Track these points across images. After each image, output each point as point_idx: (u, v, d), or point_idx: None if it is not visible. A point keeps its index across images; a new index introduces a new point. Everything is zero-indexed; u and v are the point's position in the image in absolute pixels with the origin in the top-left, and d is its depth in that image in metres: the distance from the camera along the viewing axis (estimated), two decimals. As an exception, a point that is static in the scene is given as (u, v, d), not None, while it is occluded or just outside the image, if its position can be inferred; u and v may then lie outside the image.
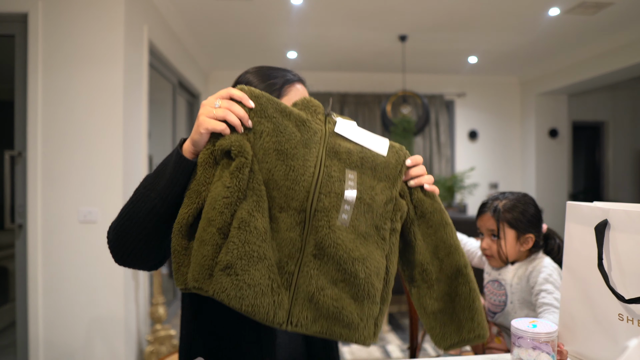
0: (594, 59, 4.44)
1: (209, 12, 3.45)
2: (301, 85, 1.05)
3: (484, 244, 1.24)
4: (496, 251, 1.21)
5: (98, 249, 2.37)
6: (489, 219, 1.23)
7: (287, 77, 1.03)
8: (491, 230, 1.22)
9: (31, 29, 2.31)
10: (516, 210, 1.22)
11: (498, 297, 1.24)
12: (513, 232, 1.21)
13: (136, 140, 2.66)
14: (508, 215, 1.22)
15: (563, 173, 5.52)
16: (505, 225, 1.21)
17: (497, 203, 1.23)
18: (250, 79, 1.03)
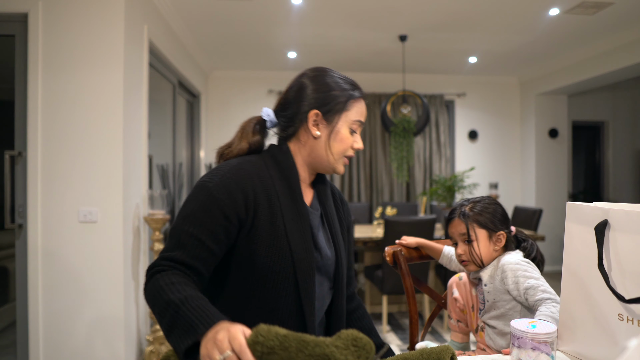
0: (594, 59, 4.44)
1: (209, 12, 3.45)
2: (363, 102, 1.06)
3: (459, 250, 1.24)
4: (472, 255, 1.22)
5: (98, 249, 2.37)
6: (458, 224, 1.24)
7: (352, 90, 1.03)
8: (463, 234, 1.23)
9: (31, 29, 2.32)
10: (484, 210, 1.23)
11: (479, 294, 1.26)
12: (484, 232, 1.22)
13: (136, 140, 2.66)
14: (477, 216, 1.23)
15: (563, 173, 5.52)
16: (475, 226, 1.22)
17: (464, 207, 1.25)
18: (306, 84, 1.02)
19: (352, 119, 1.02)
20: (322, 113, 1.00)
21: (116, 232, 2.38)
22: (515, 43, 4.30)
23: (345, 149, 1.02)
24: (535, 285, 1.10)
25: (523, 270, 1.14)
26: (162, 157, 3.71)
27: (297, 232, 0.95)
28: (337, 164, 1.03)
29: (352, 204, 5.08)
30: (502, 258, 1.20)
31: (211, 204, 0.90)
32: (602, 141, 6.03)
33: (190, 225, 0.89)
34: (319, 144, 1.01)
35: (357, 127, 1.04)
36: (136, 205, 2.64)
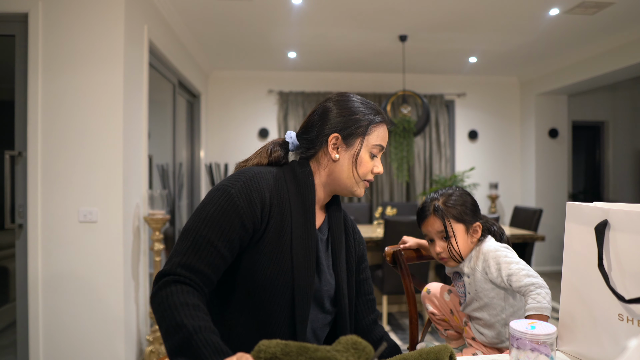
0: (594, 59, 4.44)
1: (209, 12, 3.45)
2: (385, 127, 1.05)
3: (437, 248, 1.20)
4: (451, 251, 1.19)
5: (98, 249, 2.37)
6: (434, 221, 1.20)
7: (373, 115, 1.03)
8: (440, 232, 1.19)
9: (31, 29, 2.32)
10: (457, 203, 1.19)
11: (459, 288, 1.24)
12: (461, 226, 1.19)
13: (136, 140, 2.66)
14: (452, 210, 1.19)
15: (563, 173, 5.52)
16: (452, 221, 1.18)
17: (436, 202, 1.21)
18: (330, 108, 1.03)
19: (372, 144, 1.02)
20: (342, 137, 1.01)
21: (116, 232, 2.38)
22: (515, 43, 4.30)
23: (365, 173, 1.02)
24: (516, 270, 1.08)
25: (503, 256, 1.13)
26: (162, 157, 3.71)
27: (302, 250, 0.95)
28: (356, 187, 1.03)
29: (352, 204, 5.08)
30: (482, 247, 1.18)
31: (232, 210, 0.89)
32: (602, 141, 6.03)
33: (208, 229, 0.87)
34: (338, 167, 1.02)
35: (377, 152, 1.04)
36: (136, 205, 2.65)
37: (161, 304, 0.81)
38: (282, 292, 0.93)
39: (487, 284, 1.15)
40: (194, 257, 0.85)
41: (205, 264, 0.86)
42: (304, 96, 5.30)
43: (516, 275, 1.09)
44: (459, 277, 1.23)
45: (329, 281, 1.02)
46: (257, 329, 0.92)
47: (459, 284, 1.24)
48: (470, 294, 1.19)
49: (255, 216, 0.91)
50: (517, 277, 1.08)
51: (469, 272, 1.19)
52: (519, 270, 1.09)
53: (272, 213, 0.94)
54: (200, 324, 0.78)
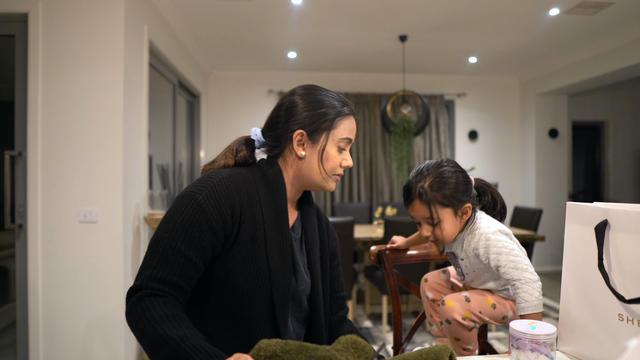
0: (594, 59, 4.44)
1: (209, 12, 3.45)
2: (352, 118, 1.02)
3: (424, 232, 1.12)
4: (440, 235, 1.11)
5: (98, 249, 2.37)
6: (420, 207, 1.10)
7: (339, 108, 1.00)
8: (426, 217, 1.10)
9: (31, 29, 2.32)
10: (444, 186, 1.09)
11: (456, 267, 1.20)
12: (449, 210, 1.10)
13: (136, 140, 2.66)
14: (438, 195, 1.08)
15: (563, 173, 5.52)
16: (438, 207, 1.09)
17: (421, 186, 1.10)
18: (299, 103, 1.00)
19: (339, 137, 0.99)
20: (307, 133, 0.98)
21: (116, 232, 2.38)
22: (515, 43, 4.30)
23: (333, 168, 1.00)
24: (504, 262, 1.05)
25: (493, 246, 1.08)
26: (162, 157, 3.71)
27: (278, 253, 0.93)
28: (326, 183, 1.01)
29: (352, 204, 5.08)
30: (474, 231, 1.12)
31: (200, 218, 0.86)
32: (602, 141, 6.03)
33: (177, 240, 0.84)
34: (305, 164, 0.99)
35: (345, 145, 1.01)
36: (136, 205, 2.65)
37: (139, 320, 0.78)
38: (261, 297, 0.91)
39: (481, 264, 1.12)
40: (165, 269, 0.83)
41: (177, 275, 0.83)
42: (304, 96, 5.29)
43: (503, 267, 1.06)
44: (454, 257, 1.19)
45: (305, 280, 1.01)
46: (237, 335, 0.90)
47: (455, 263, 1.20)
48: (469, 275, 1.17)
49: (225, 222, 0.88)
50: (505, 270, 1.05)
51: (462, 256, 1.15)
52: (506, 263, 1.05)
53: (243, 217, 0.91)
54: (186, 332, 0.76)
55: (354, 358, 0.71)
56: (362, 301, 4.21)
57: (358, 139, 5.43)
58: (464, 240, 1.15)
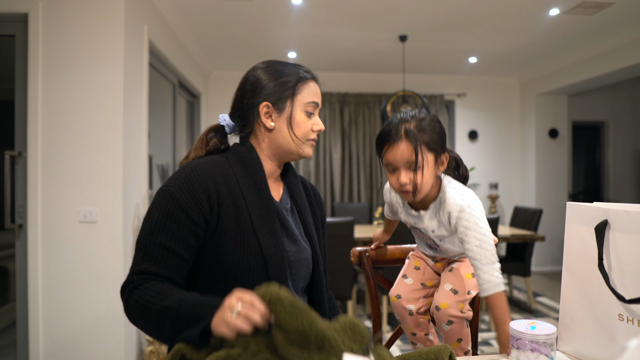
0: (594, 59, 4.44)
1: (209, 12, 3.45)
2: (314, 83, 1.04)
3: (403, 178, 1.05)
4: (418, 183, 1.04)
5: (98, 249, 2.37)
6: (405, 148, 1.03)
7: (299, 74, 1.01)
8: (410, 161, 1.03)
9: (31, 29, 2.32)
10: (429, 129, 1.05)
11: (427, 239, 1.18)
12: (432, 156, 1.05)
13: (136, 140, 2.66)
14: (425, 137, 1.04)
15: (563, 173, 5.52)
16: (424, 149, 1.04)
17: (408, 126, 1.04)
18: (260, 76, 1.01)
19: (304, 102, 1.01)
20: (272, 103, 0.99)
21: (116, 232, 2.38)
22: (515, 43, 4.30)
23: (305, 133, 1.01)
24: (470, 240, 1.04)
25: (465, 219, 1.05)
26: (162, 157, 3.71)
27: (266, 227, 0.94)
28: (301, 149, 1.01)
29: (352, 204, 5.08)
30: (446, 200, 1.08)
31: (176, 209, 0.87)
32: (602, 141, 6.03)
33: (157, 234, 0.86)
34: (276, 135, 1.00)
35: (313, 109, 1.02)
36: (136, 205, 2.65)
37: (136, 309, 0.81)
38: (257, 274, 0.92)
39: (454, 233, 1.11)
40: (149, 264, 0.85)
41: (161, 267, 0.85)
42: (304, 96, 5.30)
43: (468, 244, 1.04)
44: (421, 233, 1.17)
45: (305, 248, 1.02)
46: None
47: (424, 236, 1.17)
48: (443, 242, 1.15)
49: (202, 208, 0.89)
50: (469, 247, 1.04)
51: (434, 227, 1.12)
52: (472, 240, 1.04)
53: (221, 200, 0.92)
54: (180, 296, 0.78)
55: (350, 342, 0.70)
56: (362, 301, 4.21)
57: (358, 140, 5.44)
58: (437, 210, 1.11)
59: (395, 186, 1.09)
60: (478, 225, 1.04)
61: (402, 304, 1.24)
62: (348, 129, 5.45)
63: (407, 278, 1.26)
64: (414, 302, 1.24)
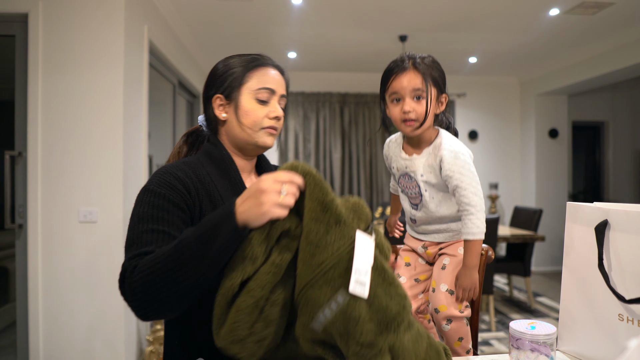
0: (594, 59, 4.44)
1: (209, 12, 3.45)
2: (270, 69, 1.01)
3: (406, 107, 1.12)
4: (421, 113, 1.11)
5: (98, 249, 2.37)
6: (414, 77, 1.11)
7: (251, 62, 1.00)
8: (417, 89, 1.11)
9: (31, 29, 2.31)
10: (437, 67, 1.14)
11: (412, 189, 1.20)
12: (435, 91, 1.13)
13: (136, 140, 2.66)
14: (432, 71, 1.12)
15: (563, 173, 5.52)
16: (429, 81, 1.11)
17: (415, 59, 1.12)
18: (216, 69, 1.02)
19: (254, 89, 0.98)
20: (224, 95, 0.99)
21: (116, 232, 2.38)
22: (515, 43, 4.30)
23: (255, 120, 0.97)
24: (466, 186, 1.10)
25: (460, 166, 1.11)
26: (162, 157, 3.71)
27: None
28: (256, 137, 0.98)
29: (352, 204, 5.08)
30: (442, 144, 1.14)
31: (159, 200, 0.86)
32: (602, 141, 6.03)
33: (145, 224, 0.83)
34: (230, 126, 0.99)
35: (267, 96, 0.99)
36: (136, 205, 2.64)
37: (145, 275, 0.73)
38: None
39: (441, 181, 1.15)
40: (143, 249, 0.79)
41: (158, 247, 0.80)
42: (304, 96, 5.30)
43: (464, 189, 1.09)
44: (410, 179, 1.20)
45: None
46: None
47: (411, 185, 1.20)
48: (428, 191, 1.17)
49: (184, 196, 0.88)
50: (465, 193, 1.09)
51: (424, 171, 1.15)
52: (468, 186, 1.09)
53: (200, 197, 0.91)
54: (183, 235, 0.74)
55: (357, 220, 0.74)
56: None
57: (358, 139, 5.44)
58: (429, 154, 1.15)
59: (398, 116, 1.15)
60: (473, 173, 1.11)
61: None
62: (348, 129, 5.45)
63: (400, 277, 1.28)
64: (413, 301, 1.25)
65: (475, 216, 1.09)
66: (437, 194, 1.17)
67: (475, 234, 1.09)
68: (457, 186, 1.10)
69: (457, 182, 1.10)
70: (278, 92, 1.02)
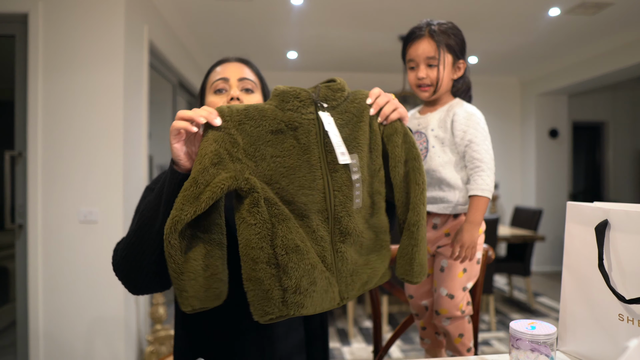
0: (594, 59, 4.44)
1: (209, 12, 3.45)
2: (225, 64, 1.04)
3: (420, 73, 1.15)
4: (435, 79, 1.15)
5: (98, 249, 2.37)
6: (428, 45, 1.13)
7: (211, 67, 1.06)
8: (430, 57, 1.13)
9: (31, 29, 2.31)
10: (451, 33, 1.16)
11: (419, 145, 1.21)
12: (450, 57, 1.16)
13: (136, 140, 2.66)
14: (447, 39, 1.14)
15: (563, 173, 5.52)
16: (444, 48, 1.14)
17: (433, 27, 1.14)
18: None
19: (211, 83, 1.05)
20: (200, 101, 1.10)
21: (116, 232, 2.38)
22: (515, 43, 4.30)
23: None
24: (479, 142, 1.11)
25: (475, 122, 1.14)
26: (162, 157, 3.71)
27: None
28: None
29: (352, 204, 5.07)
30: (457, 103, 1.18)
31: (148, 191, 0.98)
32: (602, 141, 6.03)
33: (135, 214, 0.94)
34: None
35: (222, 85, 1.03)
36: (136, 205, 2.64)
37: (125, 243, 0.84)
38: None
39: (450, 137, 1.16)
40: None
41: None
42: (304, 96, 5.29)
43: (477, 145, 1.11)
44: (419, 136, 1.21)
45: None
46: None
47: (419, 141, 1.21)
48: (435, 147, 1.17)
49: None
50: (478, 149, 1.11)
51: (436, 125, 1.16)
52: (481, 143, 1.11)
53: None
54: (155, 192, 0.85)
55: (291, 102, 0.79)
56: (362, 301, 4.21)
57: (358, 139, 5.43)
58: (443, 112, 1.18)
59: (414, 82, 1.18)
60: (486, 132, 1.14)
61: (417, 302, 1.29)
62: (348, 129, 5.45)
63: None
64: (427, 297, 1.27)
65: (486, 173, 1.10)
66: (444, 154, 1.17)
67: (483, 190, 1.10)
68: (470, 141, 1.12)
69: (470, 137, 1.12)
70: (233, 77, 1.03)
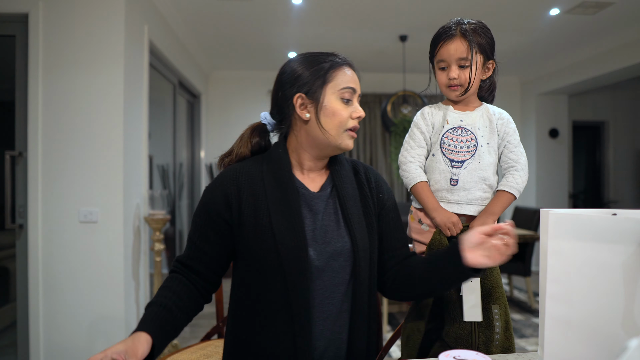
0: (594, 59, 4.44)
1: (209, 12, 3.45)
2: (349, 68, 0.99)
3: (452, 72, 1.12)
4: (466, 80, 1.12)
5: (98, 249, 2.37)
6: (459, 45, 1.10)
7: (332, 61, 0.98)
8: (463, 57, 1.11)
9: (32, 29, 2.32)
10: (482, 32, 1.13)
11: (466, 142, 1.16)
12: (481, 58, 1.13)
13: (136, 140, 2.66)
14: (479, 39, 1.11)
15: (563, 173, 5.52)
16: (476, 49, 1.11)
17: (464, 26, 1.12)
18: (293, 67, 0.99)
19: (338, 89, 0.96)
20: (306, 94, 0.96)
21: (116, 233, 2.38)
22: (516, 43, 4.30)
23: (340, 121, 0.96)
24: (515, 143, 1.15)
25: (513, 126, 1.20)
26: (162, 157, 3.71)
27: (285, 224, 0.92)
28: (339, 139, 0.97)
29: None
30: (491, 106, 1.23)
31: (202, 206, 1.00)
32: (602, 141, 6.02)
33: (192, 231, 1.02)
34: (312, 126, 0.97)
35: (350, 95, 0.97)
36: (136, 205, 2.64)
37: None
38: (273, 268, 0.92)
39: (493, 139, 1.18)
40: (182, 253, 1.03)
41: (188, 257, 1.00)
42: (304, 96, 5.29)
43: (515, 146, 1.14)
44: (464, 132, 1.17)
45: (341, 237, 0.97)
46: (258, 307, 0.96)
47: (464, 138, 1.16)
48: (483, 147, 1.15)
49: (219, 207, 0.97)
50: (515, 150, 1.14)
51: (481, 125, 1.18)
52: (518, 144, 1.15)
53: (242, 198, 0.96)
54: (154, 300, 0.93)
55: None
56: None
57: (358, 139, 5.43)
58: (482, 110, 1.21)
59: (444, 82, 1.16)
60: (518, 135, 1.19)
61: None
62: (348, 129, 5.44)
63: None
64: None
65: (519, 174, 1.12)
66: (489, 155, 1.16)
67: (513, 187, 1.11)
68: (509, 142, 1.15)
69: (509, 139, 1.15)
70: (357, 91, 1.00)
